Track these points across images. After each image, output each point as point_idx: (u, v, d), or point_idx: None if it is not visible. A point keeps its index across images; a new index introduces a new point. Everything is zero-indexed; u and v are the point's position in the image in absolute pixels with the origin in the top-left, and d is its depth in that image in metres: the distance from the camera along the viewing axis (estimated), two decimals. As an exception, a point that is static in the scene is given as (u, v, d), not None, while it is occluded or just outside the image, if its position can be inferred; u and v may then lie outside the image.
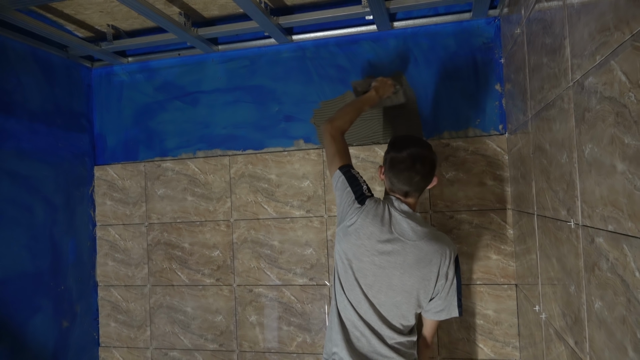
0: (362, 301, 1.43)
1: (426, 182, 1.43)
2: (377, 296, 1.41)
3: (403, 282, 1.39)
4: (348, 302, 1.45)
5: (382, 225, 1.39)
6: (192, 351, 2.27)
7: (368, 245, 1.40)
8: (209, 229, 2.27)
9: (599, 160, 0.89)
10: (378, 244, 1.39)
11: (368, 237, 1.40)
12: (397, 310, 1.42)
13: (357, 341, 1.44)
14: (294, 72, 2.19)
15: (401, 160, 1.39)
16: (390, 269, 1.39)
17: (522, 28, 1.54)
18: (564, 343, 1.20)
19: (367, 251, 1.40)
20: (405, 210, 1.41)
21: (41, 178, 2.08)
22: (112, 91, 2.42)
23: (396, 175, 1.41)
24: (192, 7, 2.00)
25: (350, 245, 1.43)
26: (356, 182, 1.48)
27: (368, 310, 1.42)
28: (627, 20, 0.74)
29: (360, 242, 1.41)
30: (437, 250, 1.38)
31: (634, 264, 0.76)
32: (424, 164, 1.40)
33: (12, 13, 1.69)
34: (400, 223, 1.39)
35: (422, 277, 1.39)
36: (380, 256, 1.39)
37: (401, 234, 1.38)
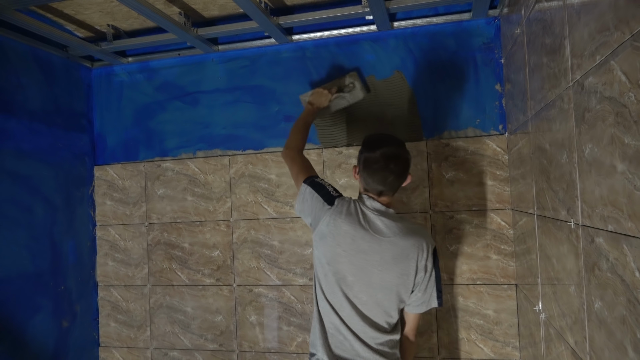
0: (343, 304, 1.42)
1: (400, 181, 1.43)
2: (359, 296, 1.41)
3: (382, 279, 1.39)
4: (330, 306, 1.44)
5: (356, 223, 1.39)
6: (192, 351, 2.27)
7: (344, 246, 1.40)
8: (209, 229, 2.27)
9: (599, 160, 0.89)
10: (354, 242, 1.39)
11: (343, 237, 1.40)
12: (379, 308, 1.41)
13: (339, 345, 1.43)
14: (294, 72, 2.19)
15: (375, 160, 1.39)
16: (369, 267, 1.39)
17: (522, 28, 1.54)
18: (564, 343, 1.20)
19: (343, 252, 1.40)
20: (377, 208, 1.41)
21: (41, 178, 2.08)
22: (112, 91, 2.42)
23: (370, 175, 1.40)
24: (192, 7, 2.00)
25: (328, 248, 1.43)
26: (322, 187, 1.51)
27: (350, 312, 1.41)
28: (627, 20, 0.74)
29: (336, 243, 1.41)
30: (413, 245, 1.38)
31: (634, 264, 0.76)
32: (398, 163, 1.39)
33: (12, 13, 1.69)
34: (374, 221, 1.40)
35: (401, 273, 1.39)
36: (358, 255, 1.39)
37: (376, 232, 1.39)
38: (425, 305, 1.45)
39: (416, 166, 2.02)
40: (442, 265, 1.99)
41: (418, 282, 1.42)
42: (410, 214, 2.02)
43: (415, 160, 2.02)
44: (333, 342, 1.44)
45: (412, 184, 2.02)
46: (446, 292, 1.99)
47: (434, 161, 2.01)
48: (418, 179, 2.02)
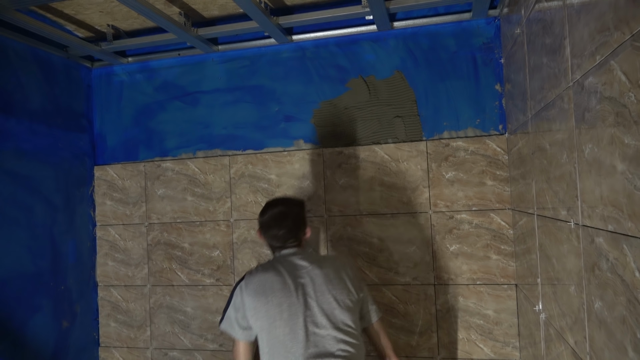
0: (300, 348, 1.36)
1: (295, 234, 1.56)
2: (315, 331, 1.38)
3: (326, 300, 1.42)
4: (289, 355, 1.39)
5: (275, 272, 1.46)
6: (192, 351, 2.27)
7: (279, 294, 1.40)
8: (209, 229, 2.27)
9: (599, 160, 0.89)
10: (285, 287, 1.42)
11: (271, 289, 1.41)
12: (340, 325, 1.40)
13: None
14: (294, 72, 2.19)
15: (266, 222, 1.57)
16: (309, 300, 1.41)
17: (522, 28, 1.54)
18: (564, 343, 1.20)
19: (281, 300, 1.40)
20: (287, 253, 1.54)
21: (41, 178, 2.08)
22: (112, 91, 2.42)
23: (265, 233, 1.58)
24: (192, 7, 2.00)
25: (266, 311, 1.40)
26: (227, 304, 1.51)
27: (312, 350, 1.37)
28: (627, 20, 0.74)
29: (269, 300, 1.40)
30: (332, 264, 1.52)
31: (634, 264, 0.76)
32: (285, 220, 1.55)
33: (12, 13, 1.69)
34: (291, 261, 1.50)
35: (340, 288, 1.46)
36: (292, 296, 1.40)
37: (296, 268, 1.47)
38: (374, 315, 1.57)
39: (416, 166, 2.02)
40: (442, 265, 1.99)
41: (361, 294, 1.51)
42: (410, 214, 2.02)
43: (416, 160, 2.02)
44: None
45: (412, 183, 2.02)
46: (446, 292, 1.99)
47: (434, 161, 2.01)
48: (418, 179, 2.02)
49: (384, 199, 2.05)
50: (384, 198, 2.05)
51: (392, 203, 2.04)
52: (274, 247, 1.58)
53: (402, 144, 2.05)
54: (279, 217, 1.56)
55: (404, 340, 2.01)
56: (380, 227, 2.05)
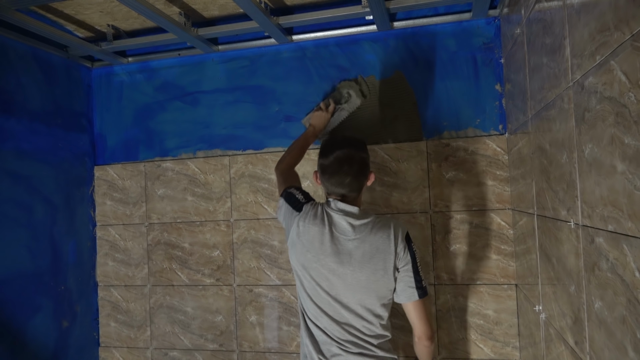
0: (326, 309, 1.41)
1: (360, 182, 1.43)
2: (339, 299, 1.40)
3: (357, 279, 1.38)
4: (315, 314, 1.43)
5: (322, 226, 1.40)
6: (192, 351, 2.27)
7: (313, 251, 1.40)
8: (209, 229, 2.27)
9: (599, 160, 0.89)
10: (322, 246, 1.39)
11: (311, 242, 1.40)
12: (362, 309, 1.39)
13: (329, 351, 1.41)
14: (294, 72, 2.19)
15: (329, 165, 1.41)
16: (341, 269, 1.38)
17: (522, 28, 1.54)
18: (564, 343, 1.20)
19: (313, 257, 1.40)
20: (341, 209, 1.41)
21: (41, 178, 2.08)
22: (112, 91, 2.42)
23: (328, 179, 1.42)
24: (192, 7, 2.00)
25: (299, 255, 1.43)
26: (292, 196, 1.53)
27: (333, 319, 1.40)
28: (627, 20, 0.74)
29: (305, 249, 1.41)
30: (381, 238, 1.38)
31: (634, 264, 0.76)
32: (352, 165, 1.40)
33: (12, 13, 1.69)
34: (340, 222, 1.40)
35: (375, 269, 1.37)
36: (328, 258, 1.39)
37: (342, 232, 1.39)
38: (405, 297, 1.40)
39: (416, 166, 2.02)
40: (442, 265, 1.99)
41: (397, 272, 1.40)
42: (410, 214, 2.02)
43: (416, 160, 2.02)
44: (326, 351, 1.42)
45: (412, 183, 2.02)
46: (446, 292, 1.99)
47: (434, 161, 2.01)
48: (418, 179, 2.02)
49: (384, 199, 2.05)
50: (384, 198, 2.05)
51: (392, 203, 2.04)
52: (333, 194, 1.44)
53: (402, 144, 2.05)
54: (345, 161, 1.39)
55: (404, 340, 2.01)
56: (380, 227, 2.05)
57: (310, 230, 1.41)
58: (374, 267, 1.38)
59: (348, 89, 2.02)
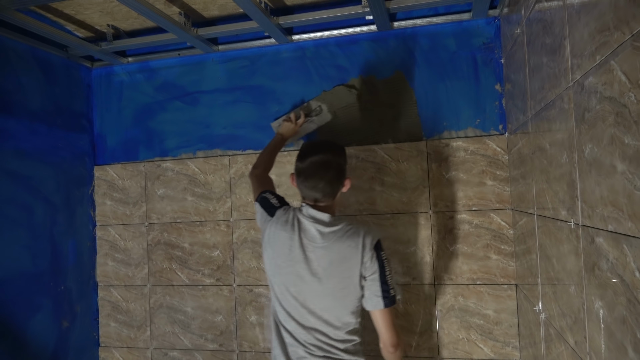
0: (292, 316, 1.42)
1: (334, 187, 1.42)
2: (306, 305, 1.40)
3: (324, 286, 1.38)
4: (284, 318, 1.44)
5: (292, 232, 1.41)
6: (192, 351, 2.27)
7: (283, 257, 1.41)
8: (209, 229, 2.27)
9: (599, 160, 0.89)
10: (291, 252, 1.40)
11: (281, 248, 1.41)
12: (328, 314, 1.40)
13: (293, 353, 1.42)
14: (294, 72, 2.19)
15: (304, 169, 1.41)
16: (308, 276, 1.39)
17: (522, 28, 1.54)
18: (564, 343, 1.20)
19: (283, 263, 1.41)
20: (312, 215, 1.41)
21: (41, 178, 2.08)
22: (112, 91, 2.42)
23: (302, 182, 1.42)
24: (192, 7, 2.00)
25: (270, 260, 1.45)
26: (266, 201, 1.57)
27: (300, 324, 1.41)
28: (627, 20, 0.74)
29: (276, 255, 1.43)
30: (349, 246, 1.37)
31: (634, 264, 0.76)
32: (327, 170, 1.39)
33: (12, 13, 1.69)
34: (309, 229, 1.40)
35: (342, 277, 1.37)
36: (296, 265, 1.40)
37: (311, 240, 1.39)
38: (371, 304, 1.39)
39: (416, 166, 2.02)
40: (442, 265, 1.99)
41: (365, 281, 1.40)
42: (410, 214, 2.02)
43: (416, 160, 2.02)
44: (291, 351, 1.43)
45: (412, 183, 2.02)
46: (446, 292, 1.99)
47: (434, 161, 2.01)
48: (418, 179, 2.02)
49: (384, 199, 2.05)
50: (384, 198, 2.05)
51: (392, 203, 2.04)
52: (307, 198, 1.44)
53: (402, 144, 2.04)
54: (321, 166, 1.39)
55: (404, 340, 2.01)
56: (380, 227, 2.05)
57: (280, 236, 1.42)
58: (340, 276, 1.38)
59: (321, 103, 2.07)
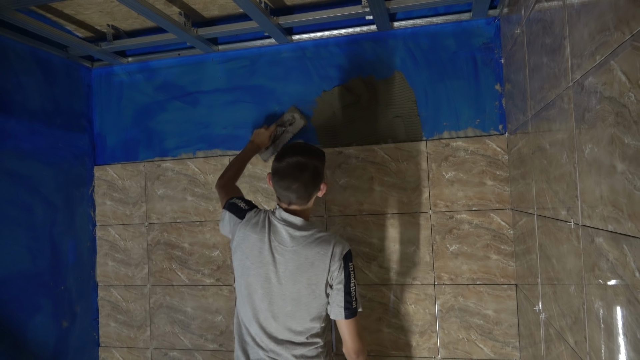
0: (259, 316, 1.43)
1: (309, 190, 1.42)
2: (271, 309, 1.41)
3: (290, 290, 1.39)
4: (247, 318, 1.45)
5: (261, 234, 1.42)
6: (192, 351, 2.27)
7: (252, 258, 1.42)
8: (209, 229, 2.27)
9: (599, 160, 0.89)
10: (260, 254, 1.41)
11: (250, 249, 1.42)
12: (291, 320, 1.41)
13: (254, 354, 1.43)
14: (294, 72, 2.19)
15: (280, 168, 1.41)
16: (275, 279, 1.40)
17: (522, 28, 1.54)
18: (564, 343, 1.20)
19: (251, 264, 1.42)
20: (284, 218, 1.42)
21: (41, 178, 2.08)
22: (112, 91, 2.42)
23: (277, 183, 1.42)
24: (192, 7, 2.00)
25: (239, 262, 1.46)
26: (235, 205, 1.56)
27: (265, 324, 1.42)
28: (627, 20, 0.74)
29: (245, 256, 1.43)
30: (318, 253, 1.38)
31: (634, 264, 0.76)
32: (303, 172, 1.39)
33: (12, 13, 1.69)
34: (280, 231, 1.41)
35: (308, 282, 1.39)
36: (264, 267, 1.41)
37: (281, 242, 1.40)
38: (334, 314, 1.41)
39: (416, 166, 2.02)
40: (442, 265, 1.99)
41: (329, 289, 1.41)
42: (410, 214, 2.02)
43: (415, 160, 2.02)
44: (252, 352, 1.44)
45: (412, 183, 2.02)
46: (446, 292, 1.99)
47: (434, 161, 2.01)
48: (418, 179, 2.02)
49: (384, 199, 2.05)
50: (384, 198, 2.05)
51: (392, 203, 2.04)
52: (282, 199, 1.45)
53: (402, 144, 2.05)
54: (296, 167, 1.39)
55: (404, 340, 2.01)
56: (380, 227, 2.05)
57: (250, 238, 1.43)
58: (306, 282, 1.39)
59: (292, 114, 2.11)
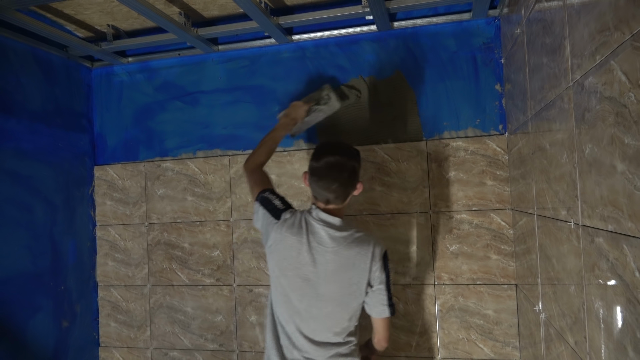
0: (295, 317, 1.43)
1: (347, 190, 1.42)
2: (309, 310, 1.41)
3: (330, 290, 1.40)
4: (283, 319, 1.45)
5: (299, 235, 1.41)
6: (192, 351, 2.27)
7: (290, 260, 1.41)
8: (209, 229, 2.27)
9: (599, 160, 0.89)
10: (299, 255, 1.40)
11: (288, 251, 1.41)
12: (331, 320, 1.42)
13: (289, 354, 1.44)
14: (294, 72, 2.19)
15: (318, 168, 1.39)
16: (315, 279, 1.40)
17: (522, 28, 1.54)
18: (564, 343, 1.20)
19: (290, 265, 1.41)
20: (323, 219, 1.41)
21: (41, 178, 2.08)
22: (112, 91, 2.42)
23: (316, 182, 1.41)
24: (192, 7, 2.00)
25: (276, 263, 1.44)
26: (269, 202, 1.53)
27: (302, 325, 1.42)
28: (627, 20, 0.74)
29: (282, 257, 1.42)
30: (359, 253, 1.39)
31: (634, 264, 0.76)
32: (342, 172, 1.38)
33: (12, 13, 1.69)
34: (319, 232, 1.40)
35: (349, 282, 1.39)
36: (303, 268, 1.40)
37: (320, 243, 1.39)
38: (376, 312, 1.44)
39: (416, 166, 2.02)
40: (442, 265, 1.99)
41: (369, 288, 1.43)
42: (410, 214, 2.02)
43: (416, 160, 2.02)
44: (287, 352, 1.44)
45: (412, 183, 2.02)
46: (446, 292, 1.99)
47: (434, 161, 2.01)
48: (418, 179, 2.02)
49: (384, 199, 2.05)
50: (384, 198, 2.05)
51: (392, 203, 2.04)
52: (319, 198, 1.43)
53: (402, 144, 2.05)
54: (335, 167, 1.38)
55: (404, 340, 2.01)
56: (380, 227, 2.05)
57: (288, 240, 1.42)
58: (348, 281, 1.39)
59: (328, 92, 1.98)
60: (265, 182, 1.64)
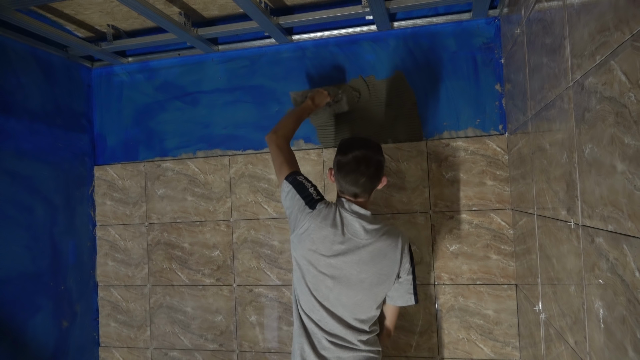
0: (324, 305, 1.44)
1: (373, 183, 1.45)
2: (339, 298, 1.43)
3: (361, 279, 1.42)
4: (310, 308, 1.46)
5: (334, 227, 1.42)
6: (192, 351, 2.27)
7: (322, 250, 1.42)
8: (209, 229, 2.27)
9: (599, 160, 0.89)
10: (332, 246, 1.41)
11: (322, 241, 1.42)
12: (359, 308, 1.44)
13: (321, 346, 1.45)
14: (294, 72, 2.19)
15: (346, 163, 1.42)
16: (347, 269, 1.42)
17: (522, 28, 1.54)
18: (564, 343, 1.20)
19: (322, 255, 1.42)
20: (355, 211, 1.43)
21: (41, 178, 2.08)
22: (112, 91, 2.42)
23: (343, 177, 1.43)
24: (192, 7, 2.00)
25: (306, 251, 1.45)
26: (304, 188, 1.52)
27: (331, 313, 1.44)
28: (627, 20, 0.74)
29: (315, 247, 1.43)
30: (390, 245, 1.44)
31: (634, 264, 0.76)
32: (369, 166, 1.41)
33: (12, 13, 1.69)
34: (352, 223, 1.42)
35: (380, 272, 1.43)
36: (336, 258, 1.41)
37: (353, 234, 1.42)
38: (402, 301, 1.51)
39: (416, 166, 2.02)
40: (442, 265, 1.99)
41: (397, 279, 1.48)
42: (410, 214, 2.02)
43: (416, 160, 2.02)
44: (317, 343, 1.46)
45: (412, 183, 2.02)
46: (446, 292, 1.99)
47: (434, 161, 2.01)
48: (418, 179, 2.02)
49: (384, 199, 2.05)
50: (384, 198, 2.05)
51: (392, 203, 2.04)
52: (346, 193, 1.45)
53: (402, 144, 2.05)
54: (363, 162, 1.40)
55: (404, 340, 2.01)
56: (380, 227, 2.05)
57: (323, 231, 1.42)
58: (379, 272, 1.43)
59: (343, 93, 2.04)
60: (295, 163, 1.62)
